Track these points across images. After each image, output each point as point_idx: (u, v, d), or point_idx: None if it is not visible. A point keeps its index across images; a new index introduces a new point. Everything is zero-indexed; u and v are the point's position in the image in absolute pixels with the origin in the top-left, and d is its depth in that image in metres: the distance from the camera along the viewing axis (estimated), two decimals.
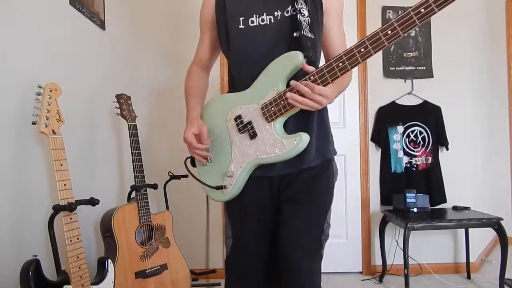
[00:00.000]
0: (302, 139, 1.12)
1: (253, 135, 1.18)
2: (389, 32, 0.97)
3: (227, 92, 1.34)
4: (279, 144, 1.14)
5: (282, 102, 1.12)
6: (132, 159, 1.95)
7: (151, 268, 1.91)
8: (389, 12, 2.95)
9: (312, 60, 1.15)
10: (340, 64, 1.03)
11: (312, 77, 1.08)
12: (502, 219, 2.47)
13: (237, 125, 1.21)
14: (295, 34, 1.17)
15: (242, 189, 1.25)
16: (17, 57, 1.46)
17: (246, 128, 1.19)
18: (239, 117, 1.21)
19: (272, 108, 1.14)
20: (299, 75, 1.13)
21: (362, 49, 1.01)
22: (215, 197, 1.30)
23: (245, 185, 1.25)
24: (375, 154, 3.01)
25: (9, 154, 1.41)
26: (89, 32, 2.03)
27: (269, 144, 1.15)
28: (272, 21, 1.20)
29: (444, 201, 2.90)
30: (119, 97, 2.01)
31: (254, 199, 1.26)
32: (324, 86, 1.07)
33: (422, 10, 0.94)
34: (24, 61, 1.50)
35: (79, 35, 1.92)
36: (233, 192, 1.24)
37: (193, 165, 1.34)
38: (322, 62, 1.19)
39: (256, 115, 1.17)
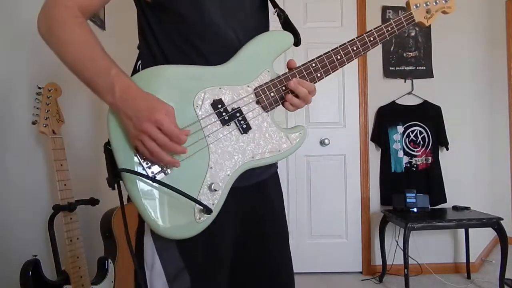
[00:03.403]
0: (306, 132, 0.93)
1: (246, 129, 0.86)
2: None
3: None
4: (284, 139, 0.90)
5: (284, 88, 0.90)
6: None
7: None
8: (389, 12, 2.95)
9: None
10: (339, 58, 0.95)
11: (313, 65, 0.93)
12: (502, 219, 2.48)
13: (219, 114, 0.84)
14: (274, 10, 1.00)
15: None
16: (17, 57, 1.46)
17: (234, 118, 0.85)
18: (219, 102, 0.85)
19: (272, 94, 0.89)
20: None
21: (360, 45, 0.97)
22: (183, 231, 0.80)
23: None
24: (375, 154, 3.01)
25: (9, 154, 1.41)
26: None
27: (268, 140, 0.89)
28: None
29: (444, 201, 2.90)
30: None
31: (228, 225, 0.88)
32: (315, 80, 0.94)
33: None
34: (25, 61, 1.50)
35: None
36: (214, 216, 0.82)
37: (115, 181, 0.81)
38: None
39: (248, 102, 0.88)
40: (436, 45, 2.98)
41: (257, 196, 0.95)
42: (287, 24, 0.99)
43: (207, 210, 0.79)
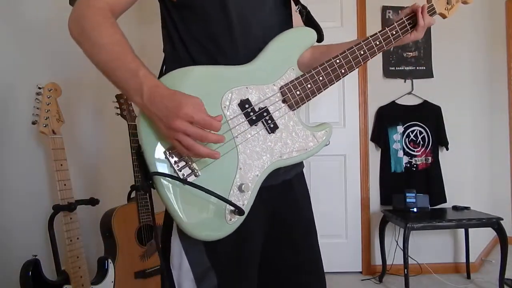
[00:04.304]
0: (331, 129, 0.93)
1: (273, 128, 0.86)
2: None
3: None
4: (310, 137, 0.90)
5: (309, 86, 0.89)
6: (132, 159, 1.95)
7: (151, 268, 1.90)
8: (389, 12, 2.95)
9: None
10: (362, 53, 0.97)
11: (337, 62, 0.94)
12: (502, 219, 2.47)
13: (247, 114, 0.84)
14: (297, 7, 1.01)
15: None
16: (17, 57, 1.46)
17: (261, 118, 0.85)
18: (247, 102, 0.84)
19: (298, 93, 0.88)
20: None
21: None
22: (215, 232, 0.80)
23: None
24: (375, 154, 3.01)
25: (9, 154, 1.41)
26: None
27: (295, 139, 0.88)
28: None
29: (444, 201, 2.89)
30: (119, 97, 2.01)
31: (255, 224, 0.88)
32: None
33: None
34: (25, 61, 1.50)
35: None
36: (245, 216, 0.82)
37: (150, 185, 0.79)
38: None
39: (274, 101, 0.87)
40: (436, 45, 2.98)
41: (283, 196, 0.95)
42: (309, 21, 1.00)
43: (239, 211, 0.79)
